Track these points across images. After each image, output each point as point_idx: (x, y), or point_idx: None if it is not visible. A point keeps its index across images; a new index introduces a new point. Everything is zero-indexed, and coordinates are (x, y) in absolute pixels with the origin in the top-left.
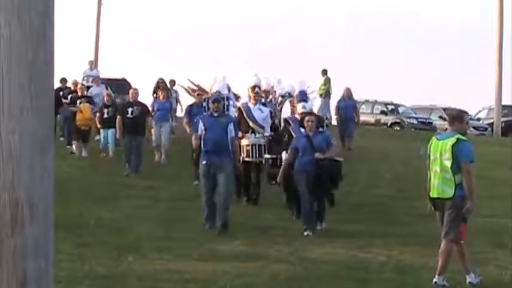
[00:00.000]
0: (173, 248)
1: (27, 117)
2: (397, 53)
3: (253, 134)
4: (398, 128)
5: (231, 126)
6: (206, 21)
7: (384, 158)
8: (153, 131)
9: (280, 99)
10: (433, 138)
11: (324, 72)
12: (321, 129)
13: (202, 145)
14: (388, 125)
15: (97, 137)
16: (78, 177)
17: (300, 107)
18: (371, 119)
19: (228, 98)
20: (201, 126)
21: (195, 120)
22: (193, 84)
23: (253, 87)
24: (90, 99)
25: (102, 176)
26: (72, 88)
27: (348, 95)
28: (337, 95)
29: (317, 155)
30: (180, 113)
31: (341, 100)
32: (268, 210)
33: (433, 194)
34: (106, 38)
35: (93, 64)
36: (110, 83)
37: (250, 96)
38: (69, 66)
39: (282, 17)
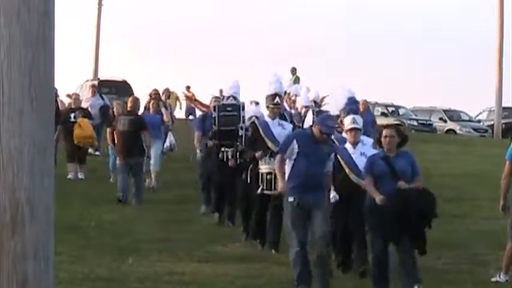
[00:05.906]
0: (173, 250)
1: (27, 119)
2: (397, 54)
3: (272, 158)
4: None
5: (332, 157)
6: (206, 22)
7: None
8: None
9: (303, 110)
10: None
11: (293, 70)
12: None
13: (288, 175)
14: None
15: (90, 150)
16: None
17: (348, 121)
18: None
19: (243, 107)
20: (294, 147)
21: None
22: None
23: (273, 97)
24: (87, 112)
25: (102, 178)
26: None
27: (364, 108)
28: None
29: (400, 183)
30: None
31: None
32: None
33: None
34: (106, 40)
35: None
36: (109, 84)
37: (268, 108)
38: (69, 67)
39: (282, 17)
